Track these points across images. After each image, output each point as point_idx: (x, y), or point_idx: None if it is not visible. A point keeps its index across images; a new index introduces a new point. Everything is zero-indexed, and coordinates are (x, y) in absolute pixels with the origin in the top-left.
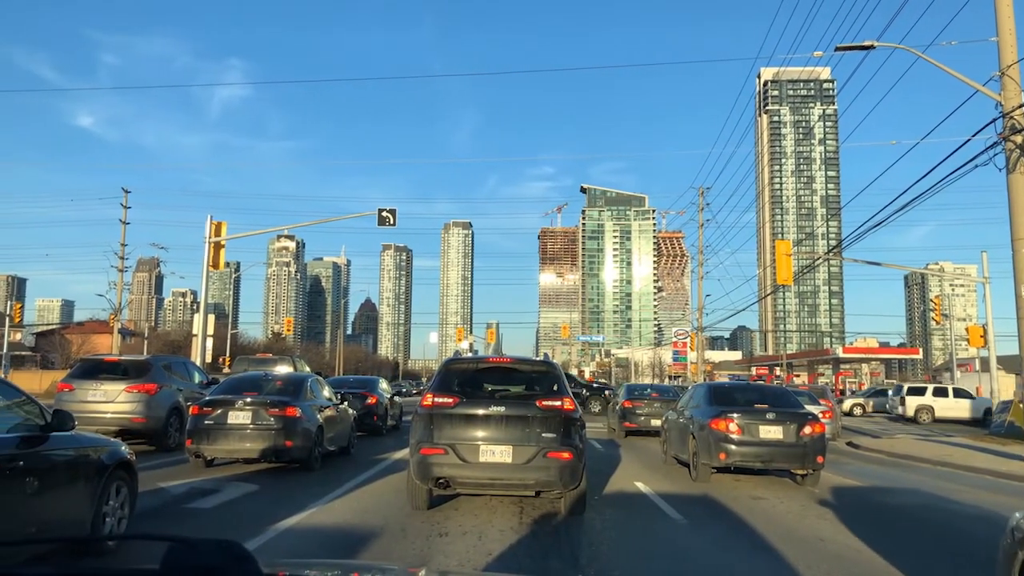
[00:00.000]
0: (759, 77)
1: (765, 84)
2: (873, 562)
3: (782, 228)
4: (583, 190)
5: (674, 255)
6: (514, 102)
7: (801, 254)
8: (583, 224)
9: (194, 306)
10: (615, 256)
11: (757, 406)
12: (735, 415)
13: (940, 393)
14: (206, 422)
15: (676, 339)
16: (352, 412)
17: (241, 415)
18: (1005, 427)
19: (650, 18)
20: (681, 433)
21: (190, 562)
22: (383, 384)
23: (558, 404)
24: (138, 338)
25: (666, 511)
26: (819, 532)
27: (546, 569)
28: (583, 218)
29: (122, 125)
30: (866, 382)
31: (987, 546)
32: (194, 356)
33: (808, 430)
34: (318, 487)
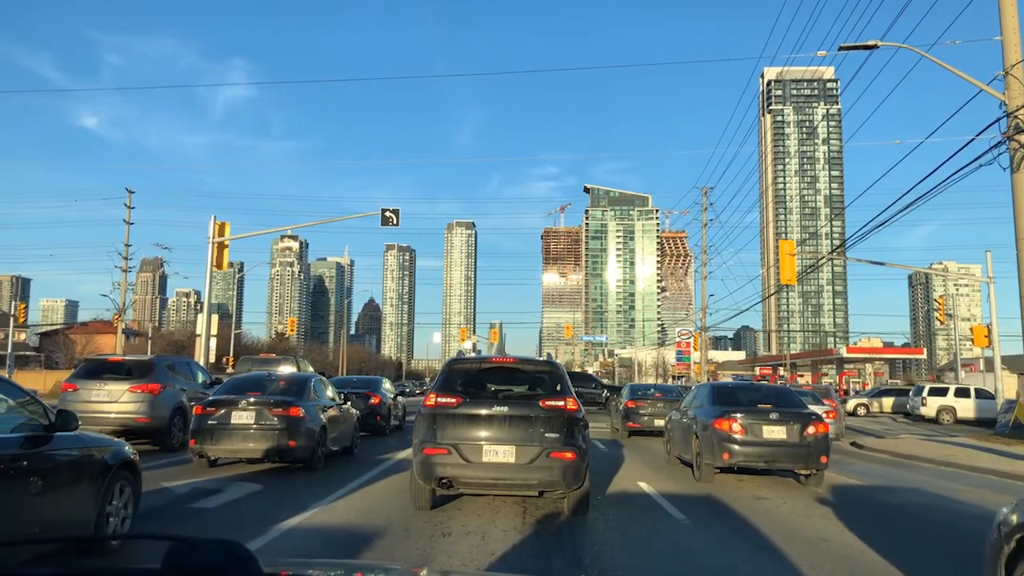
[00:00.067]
0: (762, 77)
1: (768, 84)
2: (876, 562)
3: (786, 228)
4: (586, 190)
5: (677, 255)
6: (517, 102)
7: (805, 254)
8: (586, 224)
9: (198, 306)
10: (618, 256)
11: (760, 406)
12: (739, 415)
13: (962, 394)
14: (210, 422)
15: (679, 339)
16: (355, 412)
17: (245, 415)
18: (1010, 427)
19: (653, 18)
20: (684, 433)
21: (192, 562)
22: (386, 384)
23: (561, 404)
24: (142, 338)
25: (669, 511)
26: (822, 532)
27: (549, 569)
28: (586, 218)
29: (125, 125)
30: (870, 382)
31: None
32: (198, 356)
33: (812, 430)
34: (321, 487)
